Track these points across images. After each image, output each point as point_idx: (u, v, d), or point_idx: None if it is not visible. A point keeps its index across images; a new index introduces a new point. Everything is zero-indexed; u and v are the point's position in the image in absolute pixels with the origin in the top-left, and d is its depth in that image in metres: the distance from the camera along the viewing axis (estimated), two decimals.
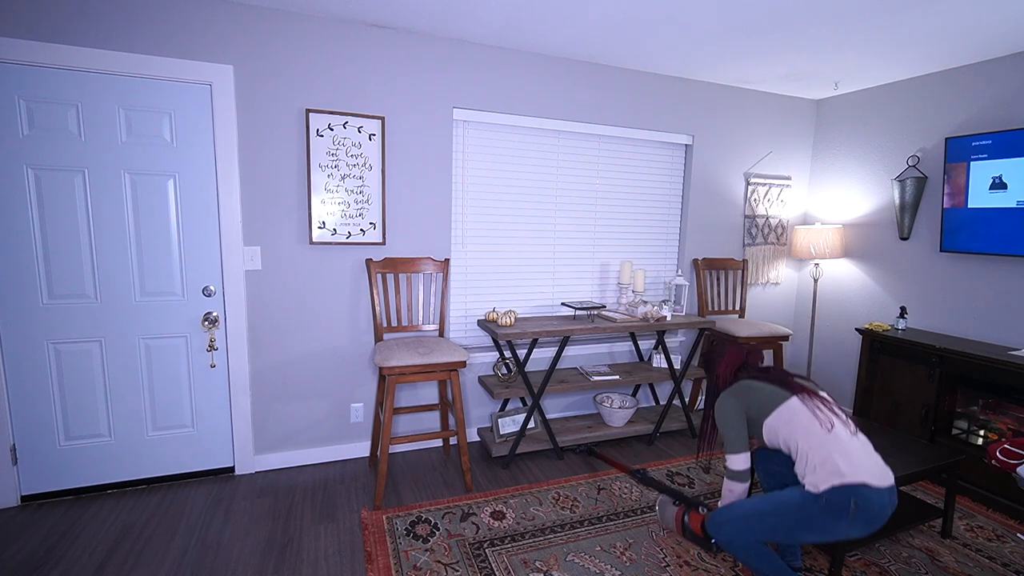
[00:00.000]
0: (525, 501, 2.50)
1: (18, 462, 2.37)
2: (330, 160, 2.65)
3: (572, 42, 2.82)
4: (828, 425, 1.58)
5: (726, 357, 1.87)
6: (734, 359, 1.85)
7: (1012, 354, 2.63)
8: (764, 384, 1.74)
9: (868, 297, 3.57)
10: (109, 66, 2.26)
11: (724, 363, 1.86)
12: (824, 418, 1.60)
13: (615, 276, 3.50)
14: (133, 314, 2.45)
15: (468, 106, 2.91)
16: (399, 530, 2.23)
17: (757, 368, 1.81)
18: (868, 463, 1.56)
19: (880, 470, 1.57)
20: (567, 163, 3.26)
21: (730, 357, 1.86)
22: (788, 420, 1.64)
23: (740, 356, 1.85)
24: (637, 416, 3.37)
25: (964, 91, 3.01)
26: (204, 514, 2.34)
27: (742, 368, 1.84)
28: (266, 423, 2.74)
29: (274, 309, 2.68)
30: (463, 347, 3.10)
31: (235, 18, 2.43)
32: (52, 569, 1.95)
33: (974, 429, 2.80)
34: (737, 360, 1.85)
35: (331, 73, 2.62)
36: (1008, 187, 2.74)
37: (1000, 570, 2.10)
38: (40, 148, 2.24)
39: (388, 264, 2.79)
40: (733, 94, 3.59)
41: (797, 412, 1.64)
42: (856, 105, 3.61)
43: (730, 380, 1.84)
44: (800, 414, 1.63)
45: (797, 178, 3.92)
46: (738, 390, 1.79)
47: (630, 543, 2.20)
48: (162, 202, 2.44)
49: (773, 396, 1.69)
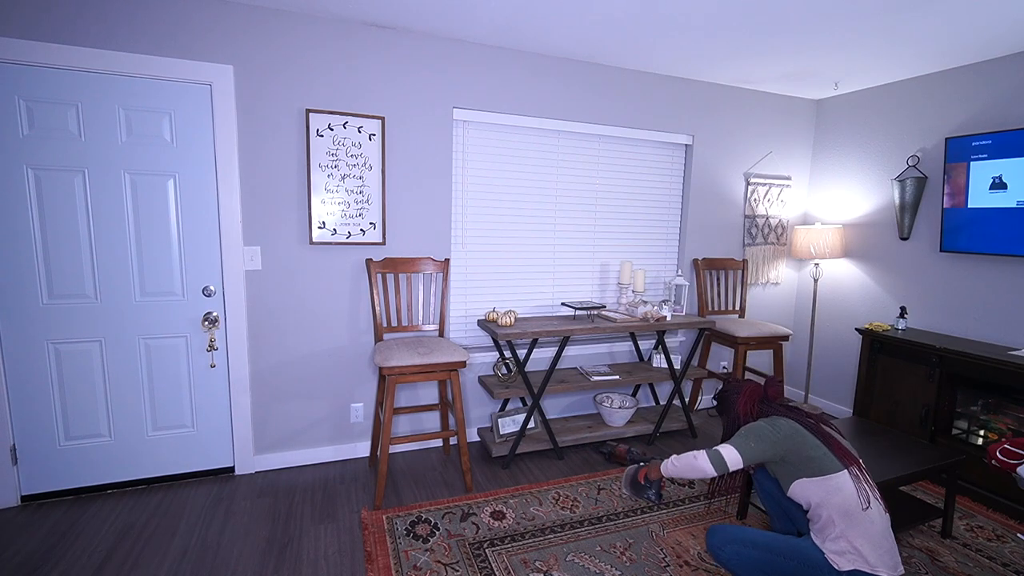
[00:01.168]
0: (525, 501, 2.50)
1: (18, 462, 2.37)
2: (330, 160, 2.65)
3: (572, 42, 2.82)
4: (865, 504, 1.52)
5: (744, 393, 1.76)
6: (753, 394, 1.75)
7: (1012, 354, 2.63)
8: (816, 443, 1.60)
9: (868, 297, 3.57)
10: (109, 66, 2.26)
11: (743, 399, 1.74)
12: (864, 497, 1.53)
13: (615, 276, 3.50)
14: (133, 314, 2.45)
15: (468, 106, 2.91)
16: (399, 530, 2.23)
17: (781, 405, 1.70)
18: (888, 556, 1.53)
19: (894, 560, 1.53)
20: (567, 163, 3.26)
21: (748, 392, 1.75)
22: (829, 491, 1.55)
23: (759, 390, 1.75)
24: (637, 416, 3.37)
25: (964, 91, 3.01)
26: (204, 514, 2.34)
27: (763, 402, 1.73)
28: (266, 423, 2.74)
29: (274, 309, 2.68)
30: (463, 347, 3.10)
31: (235, 18, 2.43)
32: (52, 569, 1.95)
33: (974, 429, 2.80)
34: (756, 394, 1.74)
35: (331, 73, 2.62)
36: (1008, 187, 2.74)
37: (1000, 570, 2.10)
38: (40, 148, 2.24)
39: (388, 264, 2.79)
40: (733, 94, 3.59)
41: (843, 489, 1.54)
42: (856, 105, 3.61)
43: (753, 415, 1.73)
44: (846, 491, 1.53)
45: (797, 178, 3.92)
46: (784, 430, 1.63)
47: (630, 543, 2.20)
48: (162, 202, 2.44)
49: (824, 463, 1.57)
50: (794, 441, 1.61)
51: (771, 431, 1.63)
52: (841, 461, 1.56)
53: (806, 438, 1.61)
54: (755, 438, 1.63)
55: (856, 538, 1.51)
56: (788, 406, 1.70)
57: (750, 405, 1.73)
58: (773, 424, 1.65)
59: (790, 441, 1.61)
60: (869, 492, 1.55)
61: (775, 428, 1.63)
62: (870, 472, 1.68)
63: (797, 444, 1.60)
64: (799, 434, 1.62)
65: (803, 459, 1.59)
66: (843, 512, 1.53)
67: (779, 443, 1.61)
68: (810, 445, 1.60)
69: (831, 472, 1.55)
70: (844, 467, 1.55)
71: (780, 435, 1.62)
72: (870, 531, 1.51)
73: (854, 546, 1.51)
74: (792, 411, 1.69)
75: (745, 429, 1.68)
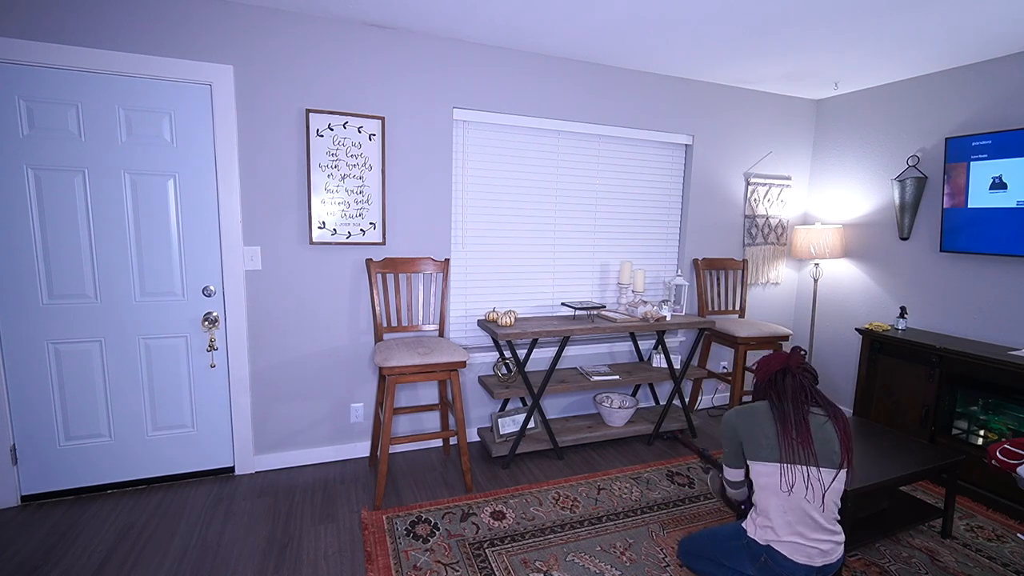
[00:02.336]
0: (525, 501, 2.50)
1: (18, 462, 2.37)
2: (330, 160, 2.65)
3: (572, 42, 2.82)
4: (788, 489, 1.64)
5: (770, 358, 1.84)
6: (774, 362, 1.82)
7: (1012, 354, 2.63)
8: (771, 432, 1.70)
9: (868, 297, 3.57)
10: (109, 66, 2.26)
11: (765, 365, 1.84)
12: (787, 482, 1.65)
13: (615, 276, 3.50)
14: (133, 314, 2.45)
15: (468, 106, 2.91)
16: (399, 530, 2.23)
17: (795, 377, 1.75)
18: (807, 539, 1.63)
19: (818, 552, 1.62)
20: (567, 163, 3.26)
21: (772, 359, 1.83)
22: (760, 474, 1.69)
23: (782, 360, 1.80)
24: (637, 416, 3.37)
25: (964, 91, 3.01)
26: (204, 514, 2.34)
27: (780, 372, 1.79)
28: (266, 423, 2.74)
29: (274, 309, 2.68)
30: (463, 347, 3.10)
31: (235, 18, 2.43)
32: (52, 569, 1.95)
33: (974, 429, 2.80)
34: (778, 363, 1.80)
35: (331, 73, 2.62)
36: (1008, 187, 2.74)
37: (1000, 570, 2.10)
38: (40, 148, 2.24)
39: (388, 264, 2.79)
40: (733, 94, 3.59)
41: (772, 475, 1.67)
42: (856, 105, 3.61)
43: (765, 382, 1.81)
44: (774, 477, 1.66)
45: (797, 178, 3.92)
46: (743, 415, 1.78)
47: (630, 543, 2.20)
48: (162, 202, 2.44)
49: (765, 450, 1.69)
50: (747, 428, 1.76)
51: (730, 422, 1.82)
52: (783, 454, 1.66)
53: (761, 426, 1.72)
54: (723, 437, 1.86)
55: (771, 511, 1.66)
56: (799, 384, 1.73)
57: (767, 372, 1.82)
58: (735, 413, 1.82)
59: (742, 429, 1.77)
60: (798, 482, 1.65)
61: (735, 416, 1.81)
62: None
63: (749, 431, 1.75)
64: (754, 422, 1.75)
65: (753, 445, 1.73)
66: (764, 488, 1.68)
67: (733, 437, 1.80)
68: (763, 433, 1.71)
69: (767, 460, 1.68)
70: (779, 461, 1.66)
71: (731, 430, 1.81)
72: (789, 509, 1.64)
73: (768, 515, 1.67)
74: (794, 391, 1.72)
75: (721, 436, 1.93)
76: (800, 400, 1.70)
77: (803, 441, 1.64)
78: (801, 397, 1.70)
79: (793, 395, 1.71)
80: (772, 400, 1.74)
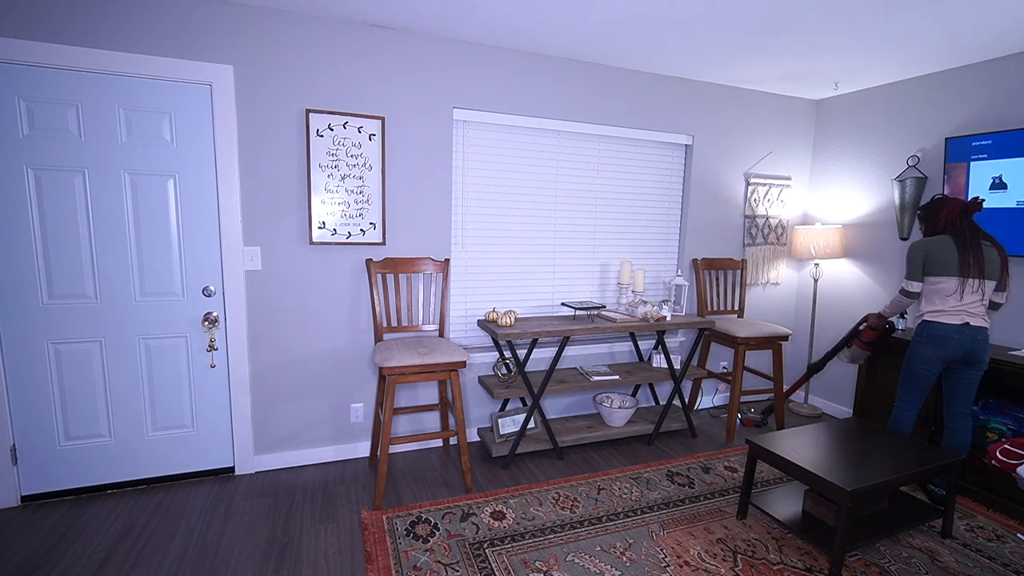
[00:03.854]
0: (525, 501, 2.50)
1: (18, 462, 2.37)
2: (330, 160, 2.65)
3: (572, 42, 2.82)
4: (960, 294, 2.34)
5: (949, 204, 2.41)
6: (956, 206, 2.39)
7: (1012, 354, 2.63)
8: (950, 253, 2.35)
9: (868, 297, 3.57)
10: (109, 66, 2.26)
11: (948, 208, 2.40)
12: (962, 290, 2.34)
13: (615, 276, 3.50)
14: (133, 314, 2.45)
15: (468, 106, 2.91)
16: (399, 530, 2.23)
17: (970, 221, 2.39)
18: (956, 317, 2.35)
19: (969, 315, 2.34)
20: (567, 163, 3.26)
21: (953, 205, 2.40)
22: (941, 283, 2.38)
23: (961, 205, 2.39)
24: (637, 416, 3.37)
25: (964, 91, 3.01)
26: (204, 514, 2.34)
27: (963, 213, 2.38)
28: (266, 423, 2.74)
29: (274, 309, 2.68)
30: (463, 347, 3.10)
31: (235, 18, 2.43)
32: (52, 569, 1.95)
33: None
34: (959, 207, 2.38)
35: (331, 73, 2.62)
36: (1008, 187, 2.74)
37: (1000, 570, 2.10)
38: (40, 148, 2.24)
39: (388, 264, 2.79)
40: (733, 94, 3.59)
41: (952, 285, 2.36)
42: (856, 105, 3.61)
43: (950, 223, 2.40)
44: (953, 284, 2.35)
45: (797, 178, 3.92)
46: (931, 243, 2.41)
47: (630, 543, 2.20)
48: (162, 202, 2.44)
49: (949, 267, 2.34)
50: (934, 253, 2.39)
51: (914, 252, 2.44)
52: (960, 271, 2.33)
53: (945, 251, 2.36)
54: (909, 263, 2.46)
55: (945, 307, 2.38)
56: (974, 228, 2.37)
57: (953, 215, 2.39)
58: (924, 243, 2.43)
59: (931, 252, 2.40)
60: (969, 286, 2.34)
61: (916, 249, 2.44)
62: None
63: (936, 255, 2.38)
64: (939, 248, 2.38)
65: (938, 264, 2.37)
66: (940, 292, 2.39)
67: (920, 258, 2.43)
68: (948, 256, 2.35)
69: (948, 275, 2.36)
70: (959, 276, 2.33)
71: (920, 253, 2.43)
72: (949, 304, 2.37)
73: (943, 309, 2.38)
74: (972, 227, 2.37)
75: (908, 255, 2.47)
76: (976, 235, 2.36)
77: (978, 263, 2.32)
78: (976, 231, 2.36)
79: (971, 230, 2.36)
80: (953, 233, 2.38)
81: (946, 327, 2.35)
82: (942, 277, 2.36)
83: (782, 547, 2.21)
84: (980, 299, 2.34)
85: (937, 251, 2.38)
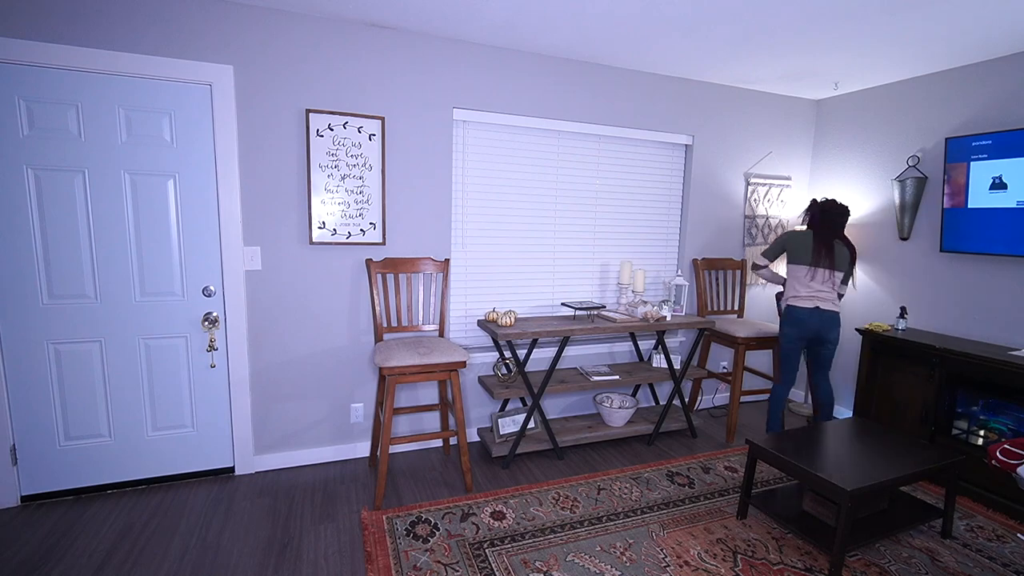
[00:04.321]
0: (525, 501, 2.50)
1: (18, 462, 2.37)
2: (330, 160, 2.65)
3: (572, 42, 2.82)
4: (810, 277, 2.84)
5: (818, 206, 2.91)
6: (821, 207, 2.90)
7: (1012, 354, 2.63)
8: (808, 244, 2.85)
9: (868, 297, 3.57)
10: (109, 66, 2.26)
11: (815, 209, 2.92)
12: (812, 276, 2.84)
13: (615, 276, 3.50)
14: (133, 314, 2.45)
15: (468, 106, 2.91)
16: (399, 530, 2.23)
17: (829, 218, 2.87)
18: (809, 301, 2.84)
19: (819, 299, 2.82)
20: (567, 163, 3.26)
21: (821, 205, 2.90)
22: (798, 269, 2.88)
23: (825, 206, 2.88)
24: (637, 416, 3.37)
25: (964, 91, 3.01)
26: (204, 514, 2.34)
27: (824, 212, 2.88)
28: (266, 423, 2.74)
29: (274, 309, 2.68)
30: (463, 347, 3.10)
31: (235, 18, 2.43)
32: (52, 569, 1.95)
33: (974, 429, 2.80)
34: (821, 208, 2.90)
35: (331, 73, 2.62)
36: (1008, 187, 2.74)
37: (1000, 570, 2.10)
38: (40, 148, 2.24)
39: (388, 264, 2.79)
40: (733, 94, 3.59)
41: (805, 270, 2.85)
42: (856, 105, 3.61)
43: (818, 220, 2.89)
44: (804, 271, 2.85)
45: (797, 178, 3.92)
46: (795, 236, 2.91)
47: (630, 543, 2.20)
48: (162, 202, 2.44)
49: (804, 257, 2.85)
50: (793, 244, 2.91)
51: (778, 240, 2.99)
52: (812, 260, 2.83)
53: (804, 244, 2.86)
54: (772, 246, 3.01)
55: (799, 290, 2.87)
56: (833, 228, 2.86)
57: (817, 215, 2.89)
58: (788, 234, 2.95)
59: (790, 243, 2.92)
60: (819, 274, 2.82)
61: (780, 239, 2.98)
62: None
63: (795, 245, 2.90)
64: (798, 241, 2.89)
65: (796, 253, 2.89)
66: (797, 278, 2.88)
67: (781, 246, 2.97)
68: (804, 248, 2.86)
69: (802, 264, 2.86)
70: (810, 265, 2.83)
71: (782, 241, 2.97)
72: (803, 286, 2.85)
73: (797, 292, 2.87)
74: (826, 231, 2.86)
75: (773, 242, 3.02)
76: (833, 234, 2.85)
77: (828, 256, 2.81)
78: (834, 232, 2.85)
79: (830, 229, 2.85)
80: (815, 230, 2.86)
81: (801, 311, 2.83)
82: (799, 265, 2.86)
83: (782, 547, 2.21)
84: (831, 288, 2.82)
85: (796, 242, 2.89)
